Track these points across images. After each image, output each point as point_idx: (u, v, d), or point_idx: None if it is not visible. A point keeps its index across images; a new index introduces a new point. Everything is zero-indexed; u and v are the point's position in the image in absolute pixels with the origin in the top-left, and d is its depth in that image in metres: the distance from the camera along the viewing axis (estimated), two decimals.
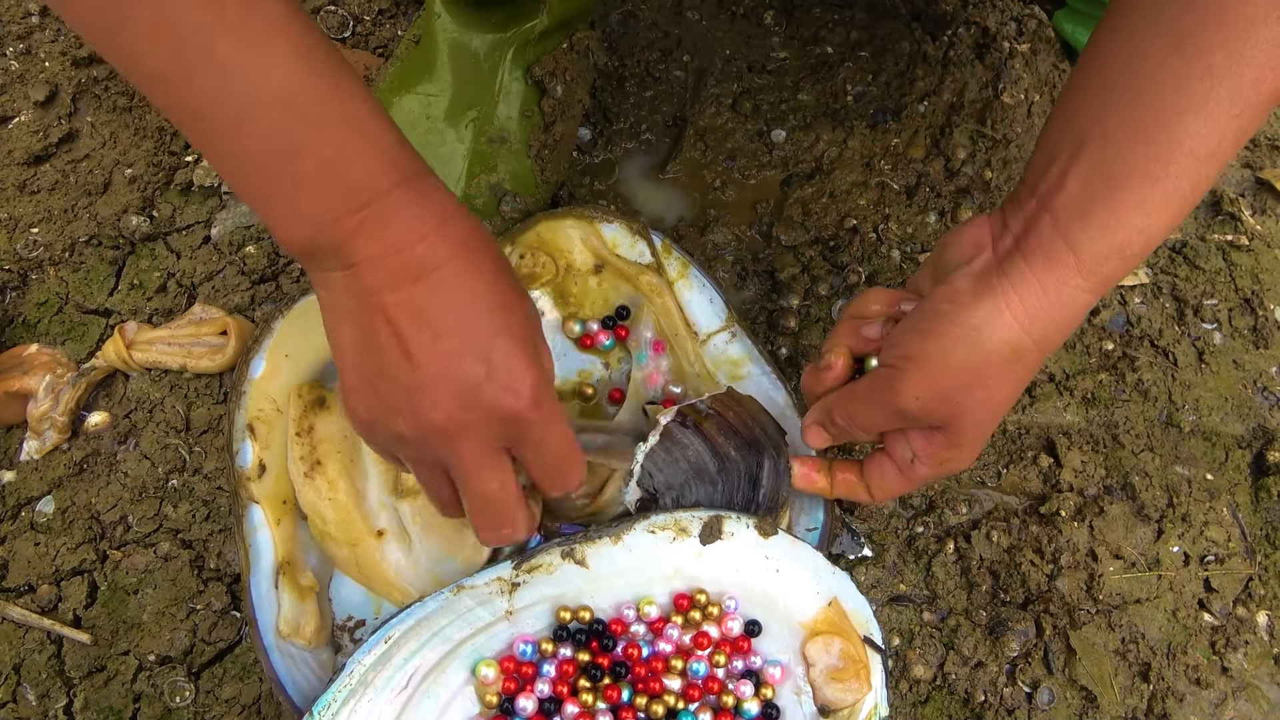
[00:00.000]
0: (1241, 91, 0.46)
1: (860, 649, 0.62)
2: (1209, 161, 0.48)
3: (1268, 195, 0.94)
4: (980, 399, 0.54)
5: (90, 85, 0.91)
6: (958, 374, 0.53)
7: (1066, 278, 0.50)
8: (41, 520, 0.72)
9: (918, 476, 0.59)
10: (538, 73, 0.80)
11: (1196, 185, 0.48)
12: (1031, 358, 0.53)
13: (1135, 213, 0.49)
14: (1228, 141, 0.48)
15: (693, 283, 0.75)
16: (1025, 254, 0.51)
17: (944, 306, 0.53)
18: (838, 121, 0.92)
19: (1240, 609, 0.74)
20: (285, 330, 0.71)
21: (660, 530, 0.63)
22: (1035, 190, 0.52)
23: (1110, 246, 0.49)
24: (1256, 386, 0.83)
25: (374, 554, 0.66)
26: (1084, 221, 0.50)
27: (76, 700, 0.67)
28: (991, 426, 0.56)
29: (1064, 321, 0.52)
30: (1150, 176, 0.48)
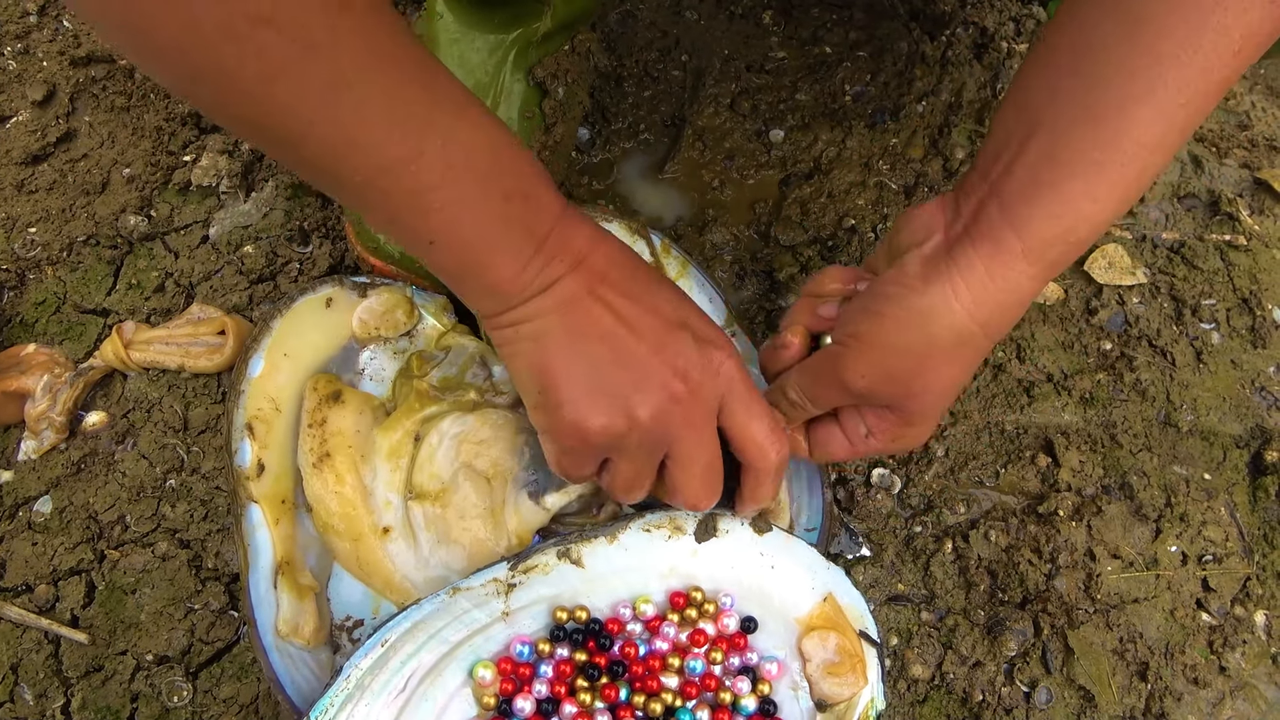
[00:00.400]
0: (1190, 80, 0.46)
1: (856, 643, 0.63)
2: (1157, 150, 0.48)
3: (1266, 195, 0.94)
4: (927, 381, 0.55)
5: (88, 85, 0.91)
6: (904, 356, 0.54)
7: (1012, 263, 0.51)
8: (39, 520, 0.72)
9: (868, 449, 0.60)
10: (539, 74, 0.79)
11: (1143, 173, 0.49)
12: (978, 341, 0.54)
13: (1082, 200, 0.49)
14: (1175, 130, 0.48)
15: (692, 283, 0.75)
16: (973, 240, 0.52)
17: (893, 289, 0.54)
18: (836, 121, 0.92)
19: (1238, 608, 0.74)
20: (284, 329, 0.71)
21: (655, 529, 0.63)
22: (987, 175, 0.53)
23: (1056, 233, 0.50)
24: (1254, 386, 0.83)
25: (376, 551, 0.66)
26: (1030, 208, 0.50)
27: (74, 700, 0.66)
28: (942, 406, 0.57)
29: (1010, 306, 0.53)
30: (1097, 164, 0.48)
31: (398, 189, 0.47)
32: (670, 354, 0.54)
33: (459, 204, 0.49)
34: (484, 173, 0.49)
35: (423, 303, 0.73)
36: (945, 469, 0.77)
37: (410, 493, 0.67)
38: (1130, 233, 0.90)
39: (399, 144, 0.45)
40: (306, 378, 0.71)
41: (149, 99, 0.90)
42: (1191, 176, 0.94)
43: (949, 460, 0.78)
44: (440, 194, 0.48)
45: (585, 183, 0.89)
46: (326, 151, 0.45)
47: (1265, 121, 1.00)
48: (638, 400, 0.53)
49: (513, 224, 0.51)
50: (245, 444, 0.68)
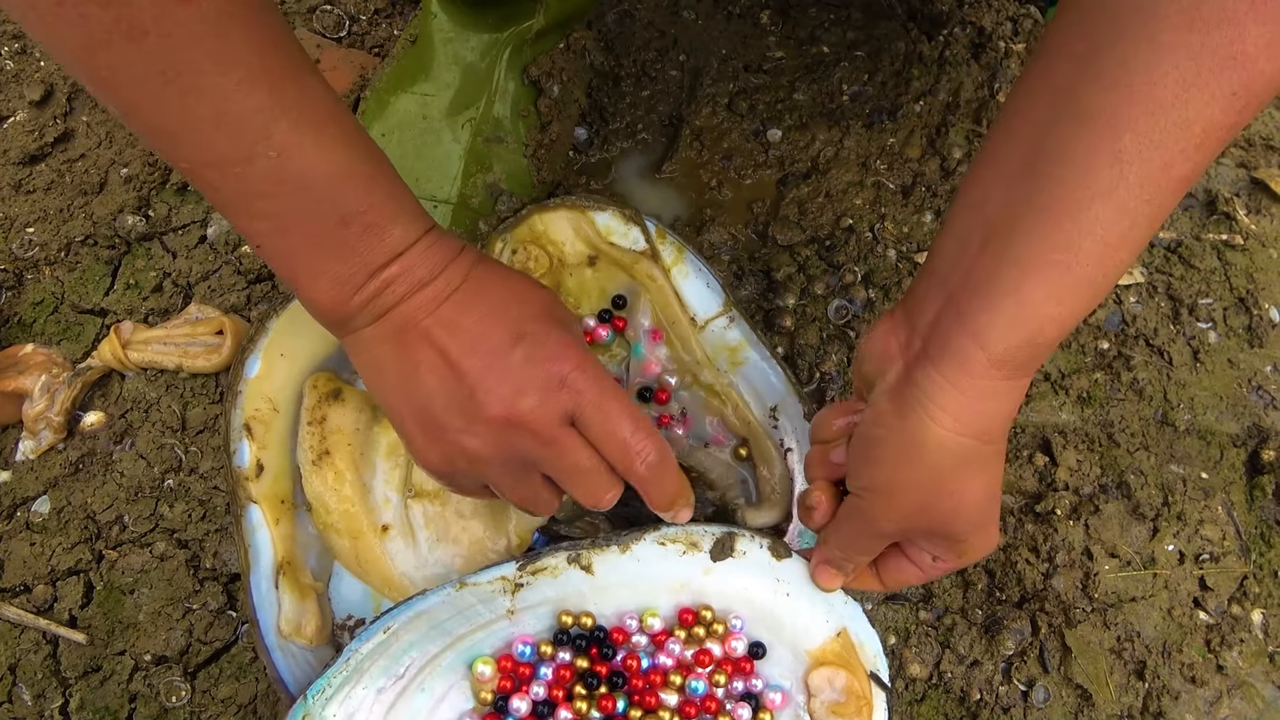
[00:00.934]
0: (1152, 177, 0.44)
1: (865, 685, 0.61)
2: (1121, 247, 0.46)
3: (1262, 195, 0.94)
4: (955, 504, 0.53)
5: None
6: (918, 491, 0.53)
7: (980, 375, 0.49)
8: (37, 520, 0.72)
9: (938, 572, 0.58)
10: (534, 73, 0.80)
11: (1109, 271, 0.47)
12: (982, 451, 0.52)
13: (1045, 304, 0.47)
14: (1140, 227, 0.46)
15: (689, 268, 0.75)
16: (934, 359, 0.50)
17: (876, 432, 0.53)
18: (834, 121, 0.92)
19: (1235, 607, 0.74)
20: (280, 329, 0.71)
21: (671, 543, 0.62)
22: (945, 283, 0.51)
23: (1020, 338, 0.48)
24: (1251, 385, 0.84)
25: (375, 549, 0.66)
26: (991, 316, 0.48)
27: (72, 700, 0.66)
28: (986, 515, 0.55)
29: (994, 412, 0.50)
30: (1060, 265, 0.46)
31: (223, 185, 0.47)
32: (497, 378, 0.52)
33: (286, 216, 0.48)
34: (321, 195, 0.48)
35: None
36: None
37: (409, 491, 0.67)
38: None
39: (225, 145, 0.45)
40: (304, 377, 0.71)
41: None
42: None
43: None
44: (267, 204, 0.47)
45: (584, 182, 0.89)
46: (153, 133, 0.45)
47: (1262, 121, 1.00)
48: (467, 437, 0.53)
49: (344, 250, 0.50)
50: (244, 445, 0.68)
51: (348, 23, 0.95)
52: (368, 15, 0.96)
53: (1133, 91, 0.43)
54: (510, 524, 0.66)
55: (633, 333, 0.74)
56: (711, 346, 0.74)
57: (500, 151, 0.79)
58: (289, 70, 0.46)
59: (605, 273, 0.75)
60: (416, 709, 0.59)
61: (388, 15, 0.97)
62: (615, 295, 0.75)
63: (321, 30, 0.94)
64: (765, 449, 0.71)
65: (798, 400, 0.72)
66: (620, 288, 0.75)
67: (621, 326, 0.74)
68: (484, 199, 0.78)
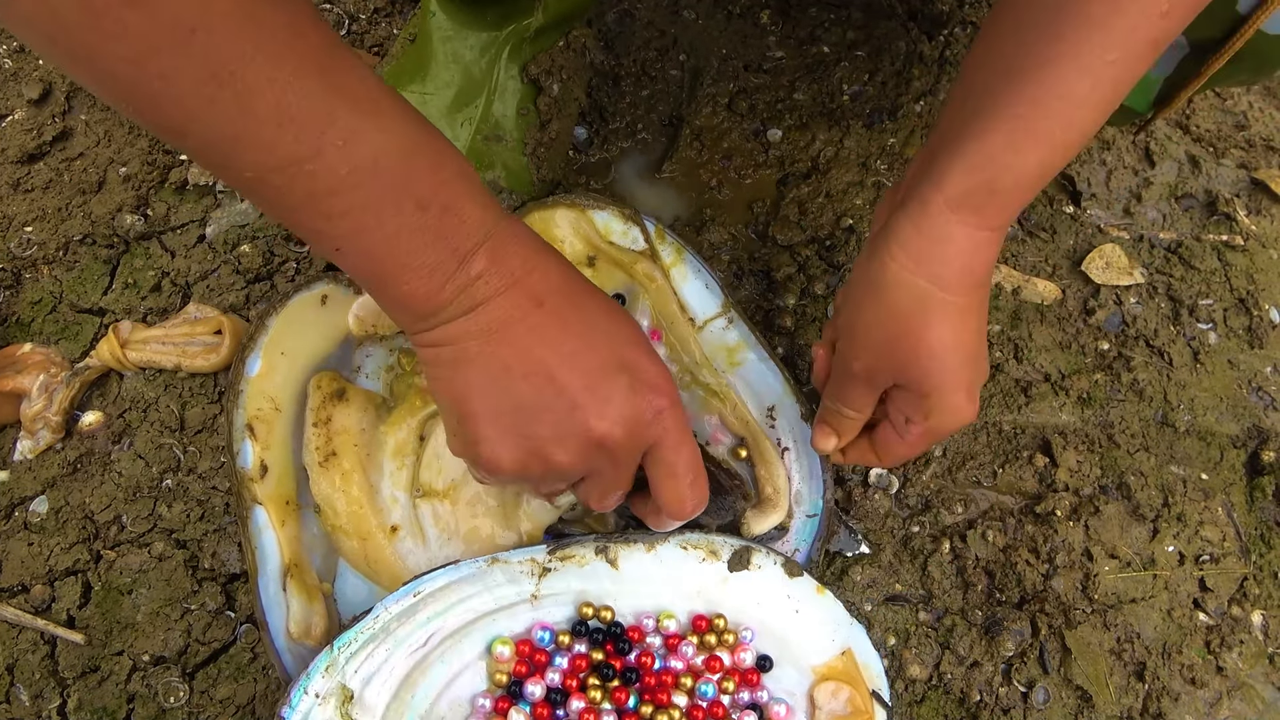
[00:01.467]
0: (1116, 40, 0.48)
1: (868, 701, 0.63)
2: (1083, 106, 0.50)
3: (1263, 196, 0.94)
4: (913, 347, 0.56)
5: None
6: (879, 329, 0.57)
7: (935, 215, 0.53)
8: (35, 520, 0.72)
9: (913, 436, 0.61)
10: (533, 71, 0.79)
11: (1069, 128, 0.50)
12: (938, 298, 0.55)
13: (1003, 152, 0.51)
14: (1104, 86, 0.49)
15: (688, 269, 0.75)
16: (903, 205, 0.55)
17: (851, 276, 0.59)
18: (834, 121, 0.92)
19: (1235, 608, 0.74)
20: (279, 327, 0.71)
21: (692, 548, 0.64)
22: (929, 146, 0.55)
23: (976, 181, 0.51)
24: (1251, 386, 0.83)
25: (384, 549, 0.66)
26: (951, 161, 0.52)
27: (70, 701, 0.66)
28: (948, 371, 0.58)
29: (949, 257, 0.54)
30: (1021, 118, 0.50)
31: (294, 190, 0.43)
32: (600, 399, 0.51)
33: (364, 210, 0.45)
34: (394, 178, 0.45)
35: None
36: (943, 469, 0.77)
37: (417, 490, 0.67)
38: (1128, 233, 0.90)
39: (292, 143, 0.42)
40: (304, 376, 0.70)
41: None
42: (1189, 176, 0.94)
43: (946, 460, 0.78)
44: (342, 199, 0.44)
45: (583, 182, 0.89)
46: (212, 146, 0.41)
47: (1262, 122, 1.00)
48: (556, 448, 0.52)
49: (428, 236, 0.47)
50: (247, 445, 0.68)
51: (347, 21, 0.95)
52: (367, 14, 0.96)
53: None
54: (521, 523, 0.66)
55: None
56: (710, 347, 0.74)
57: (499, 150, 0.79)
58: (332, 51, 0.43)
59: (604, 272, 0.75)
60: (432, 681, 0.60)
61: (387, 14, 0.96)
62: (614, 295, 0.75)
63: None
64: (765, 449, 0.71)
65: (795, 401, 0.72)
66: (619, 287, 0.75)
67: None
68: None
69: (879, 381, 0.60)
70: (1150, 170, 0.94)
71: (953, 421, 0.59)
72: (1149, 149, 0.95)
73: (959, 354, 0.57)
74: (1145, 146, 0.95)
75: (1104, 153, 0.94)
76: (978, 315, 0.57)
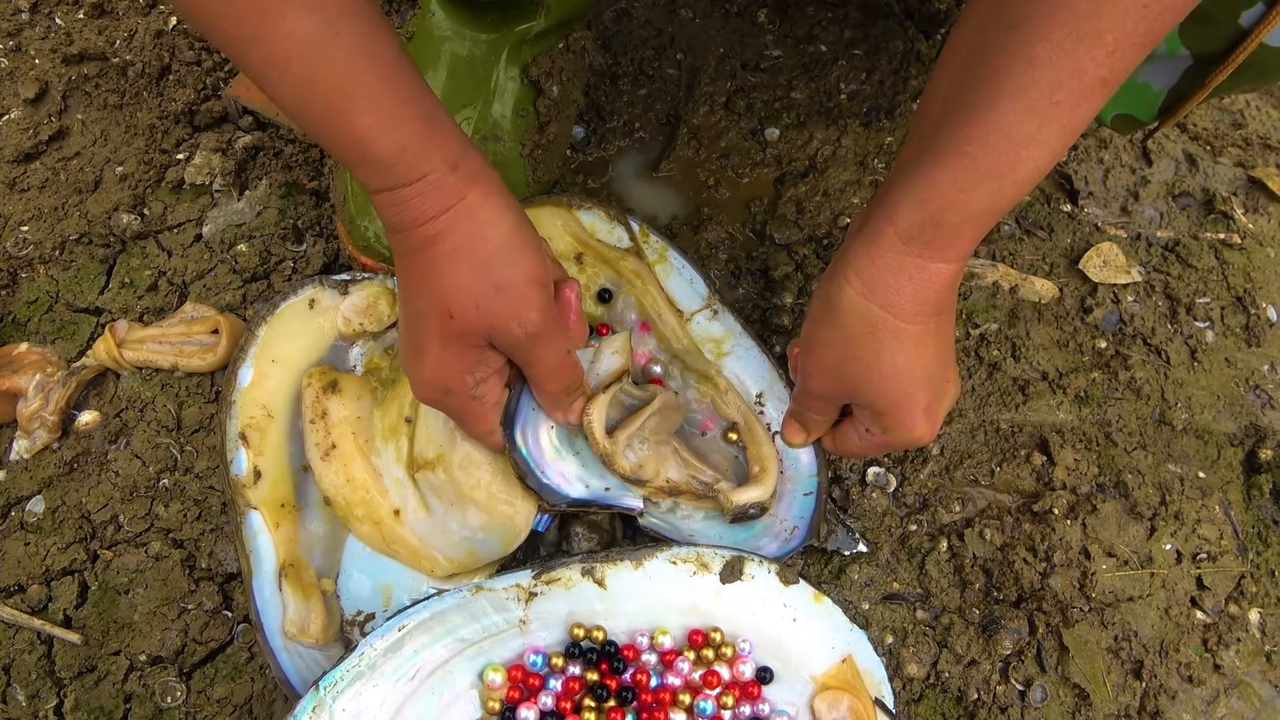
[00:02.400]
0: (1062, 80, 0.48)
1: (870, 709, 0.62)
2: (1030, 145, 0.50)
3: (1260, 194, 0.94)
4: (864, 370, 0.58)
5: (81, 83, 0.90)
6: (832, 349, 0.59)
7: (888, 246, 0.54)
8: (31, 520, 0.72)
9: (870, 444, 0.64)
10: (534, 73, 0.79)
11: (1018, 166, 0.50)
12: (891, 324, 0.56)
13: (949, 188, 0.52)
14: (1051, 126, 0.49)
15: (671, 265, 0.76)
16: (860, 232, 0.57)
17: (815, 292, 0.61)
18: (831, 120, 0.92)
19: (1232, 606, 0.74)
20: (269, 336, 0.71)
21: (682, 562, 0.63)
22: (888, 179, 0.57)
23: (924, 217, 0.53)
24: (1248, 385, 0.84)
25: (397, 528, 0.67)
26: (902, 195, 0.53)
27: (67, 700, 0.66)
28: (901, 393, 0.59)
29: (900, 286, 0.55)
30: (967, 156, 0.51)
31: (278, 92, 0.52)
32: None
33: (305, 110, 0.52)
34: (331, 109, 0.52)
35: None
36: (940, 467, 0.77)
37: (414, 465, 0.67)
38: (1125, 231, 0.90)
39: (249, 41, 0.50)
40: (297, 381, 0.71)
41: (142, 97, 0.90)
42: (1186, 175, 0.94)
43: (944, 459, 0.78)
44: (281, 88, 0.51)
45: (580, 181, 0.89)
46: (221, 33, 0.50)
47: (1259, 120, 1.00)
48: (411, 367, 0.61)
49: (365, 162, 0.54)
50: (240, 453, 0.68)
51: None
52: None
53: (1052, 3, 0.47)
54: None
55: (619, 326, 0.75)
56: (697, 339, 0.75)
57: (497, 150, 0.79)
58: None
59: (592, 267, 0.77)
60: (423, 714, 0.59)
61: (386, 12, 0.96)
62: (600, 289, 0.76)
63: None
64: (755, 430, 0.72)
65: (784, 386, 0.73)
66: (605, 283, 0.76)
67: (604, 333, 0.75)
68: None
69: (836, 398, 0.63)
70: (1148, 169, 0.94)
71: (908, 439, 0.61)
72: (1146, 148, 0.95)
73: (912, 378, 0.58)
74: (1143, 145, 0.95)
75: (1101, 151, 0.94)
76: (936, 340, 0.58)
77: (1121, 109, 0.71)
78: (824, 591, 0.71)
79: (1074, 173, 0.92)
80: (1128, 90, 0.69)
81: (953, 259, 0.55)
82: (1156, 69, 0.67)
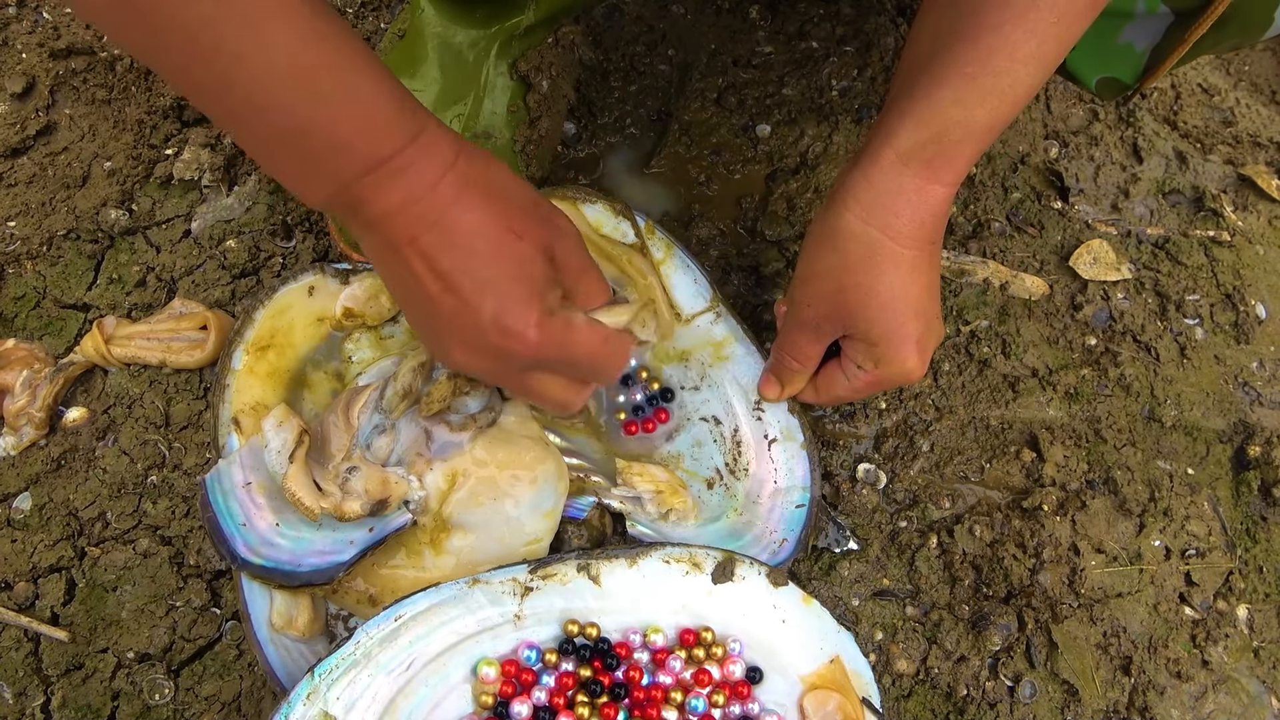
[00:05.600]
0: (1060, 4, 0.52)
1: (858, 709, 0.63)
2: (1028, 63, 0.54)
3: (1249, 191, 0.94)
4: (862, 296, 0.60)
5: (68, 77, 0.90)
6: (831, 277, 0.60)
7: (888, 168, 0.56)
8: (18, 517, 0.72)
9: (859, 383, 0.65)
10: (523, 68, 0.79)
11: (1016, 84, 0.54)
12: (888, 248, 0.58)
13: (951, 107, 0.55)
14: (1048, 45, 0.53)
15: (677, 264, 0.75)
16: (858, 161, 0.58)
17: (810, 227, 0.62)
18: (823, 116, 0.92)
19: (1221, 602, 0.74)
20: (266, 320, 0.70)
21: (675, 561, 0.64)
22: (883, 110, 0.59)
23: (926, 136, 0.55)
24: (1238, 382, 0.84)
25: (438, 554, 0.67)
26: (902, 118, 0.56)
27: (54, 698, 0.66)
28: (896, 322, 0.60)
29: (901, 209, 0.57)
30: (968, 76, 0.54)
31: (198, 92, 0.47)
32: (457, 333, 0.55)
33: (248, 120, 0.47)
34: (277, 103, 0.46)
35: None
36: (930, 464, 0.77)
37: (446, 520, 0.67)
38: (1115, 228, 0.90)
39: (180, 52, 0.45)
40: (292, 368, 0.70)
41: (130, 92, 0.89)
42: (1176, 172, 0.95)
43: (934, 455, 0.78)
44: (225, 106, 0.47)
45: (571, 177, 0.89)
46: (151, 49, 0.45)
47: (1249, 118, 1.00)
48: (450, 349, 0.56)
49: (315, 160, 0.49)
50: (232, 439, 0.67)
51: None
52: (354, 8, 0.96)
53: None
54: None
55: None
56: (697, 341, 0.74)
57: (489, 147, 0.79)
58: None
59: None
60: (416, 705, 0.59)
61: (375, 9, 0.96)
62: None
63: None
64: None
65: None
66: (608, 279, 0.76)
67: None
68: None
69: (827, 330, 0.63)
70: (1138, 166, 0.94)
71: (899, 374, 0.62)
72: (1137, 145, 0.95)
73: (907, 306, 0.60)
74: (1133, 142, 0.95)
75: (1092, 149, 0.94)
76: (928, 271, 0.60)
77: (1105, 72, 0.72)
78: (814, 588, 0.72)
79: (1064, 170, 0.92)
80: (1110, 52, 0.71)
81: (949, 181, 0.57)
82: (1138, 29, 0.68)
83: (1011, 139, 0.93)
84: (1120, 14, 0.68)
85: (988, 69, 0.54)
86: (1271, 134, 0.99)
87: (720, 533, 0.70)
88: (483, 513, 0.67)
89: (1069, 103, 0.97)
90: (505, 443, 0.68)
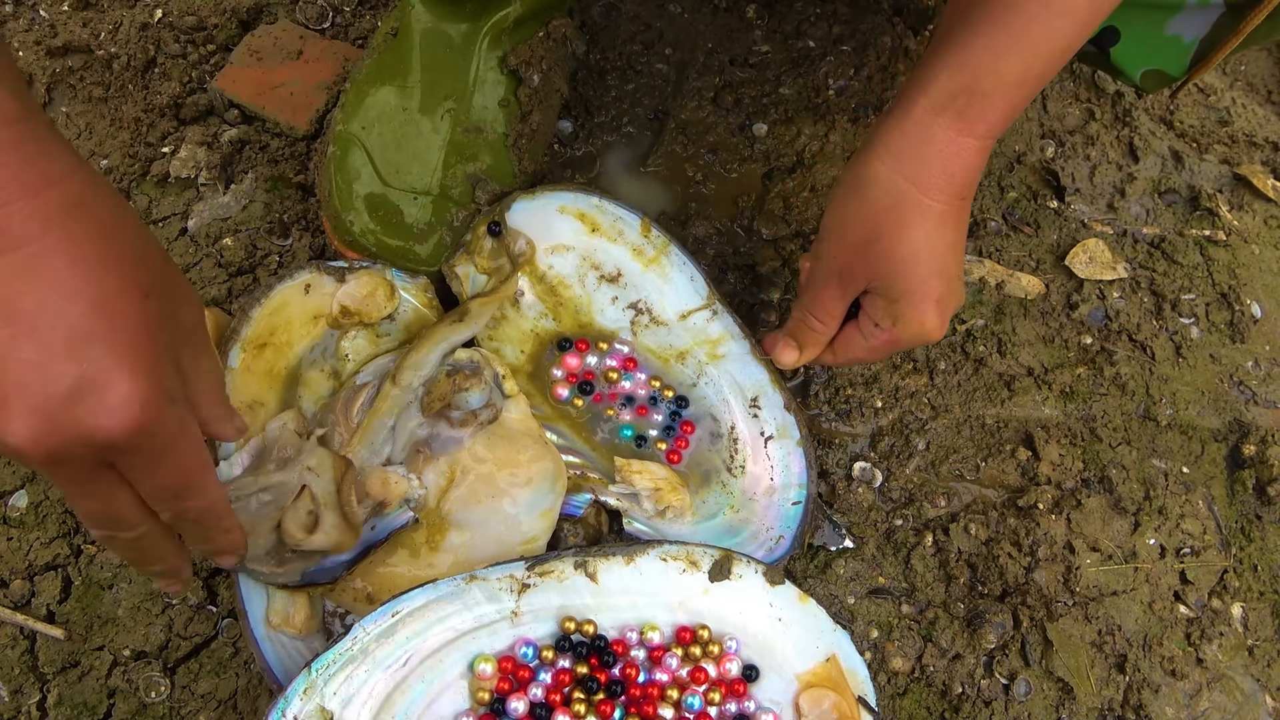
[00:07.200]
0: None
1: (854, 707, 0.63)
2: (1063, 15, 0.54)
3: (1245, 191, 0.94)
4: (888, 246, 0.59)
5: (65, 75, 0.90)
6: (858, 226, 0.60)
7: (919, 117, 0.56)
8: (15, 515, 0.72)
9: (877, 342, 0.64)
10: (513, 62, 0.79)
11: (1050, 36, 0.54)
12: (915, 198, 0.57)
13: (984, 55, 0.55)
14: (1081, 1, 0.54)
15: (673, 261, 0.76)
16: (890, 112, 0.58)
17: (839, 178, 0.62)
18: (819, 115, 0.92)
19: (1215, 601, 0.74)
20: (262, 318, 0.70)
21: (672, 559, 0.64)
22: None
23: (958, 84, 0.55)
24: (1233, 381, 0.84)
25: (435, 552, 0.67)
26: (936, 67, 0.56)
27: (50, 696, 0.66)
28: (920, 277, 0.59)
29: (932, 159, 0.57)
30: (1001, 25, 0.54)
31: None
32: (19, 400, 0.40)
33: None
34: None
35: (403, 285, 0.73)
36: (926, 462, 0.77)
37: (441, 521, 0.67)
38: (1111, 228, 0.90)
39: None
40: (289, 366, 0.70)
41: (127, 90, 0.89)
42: (1172, 172, 0.95)
43: (929, 454, 0.78)
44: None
45: (568, 175, 0.89)
46: None
47: (1245, 118, 1.00)
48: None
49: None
50: None
51: (331, 14, 0.95)
52: (351, 6, 0.96)
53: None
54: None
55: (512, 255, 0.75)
56: (693, 339, 0.74)
57: (481, 142, 0.79)
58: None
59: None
60: (412, 701, 0.59)
61: (371, 6, 0.96)
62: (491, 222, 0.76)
63: (305, 21, 0.93)
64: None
65: (777, 390, 0.72)
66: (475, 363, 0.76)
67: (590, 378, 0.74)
68: (464, 190, 0.78)
69: (851, 283, 0.62)
70: (1134, 165, 0.94)
71: (918, 332, 0.61)
72: (1133, 144, 0.95)
73: (932, 261, 0.59)
74: (1129, 142, 0.95)
75: (1088, 148, 0.94)
76: (954, 228, 0.59)
77: (1151, 64, 0.72)
78: (810, 586, 0.72)
79: (1061, 169, 0.93)
80: (1157, 44, 0.70)
81: (981, 134, 0.56)
82: (1186, 20, 0.68)
83: (1008, 138, 0.94)
84: (1168, 6, 0.67)
85: (1024, 17, 0.54)
86: (1267, 134, 1.00)
87: (717, 530, 0.70)
88: (480, 511, 0.67)
89: (1065, 102, 0.97)
90: (505, 440, 0.68)
